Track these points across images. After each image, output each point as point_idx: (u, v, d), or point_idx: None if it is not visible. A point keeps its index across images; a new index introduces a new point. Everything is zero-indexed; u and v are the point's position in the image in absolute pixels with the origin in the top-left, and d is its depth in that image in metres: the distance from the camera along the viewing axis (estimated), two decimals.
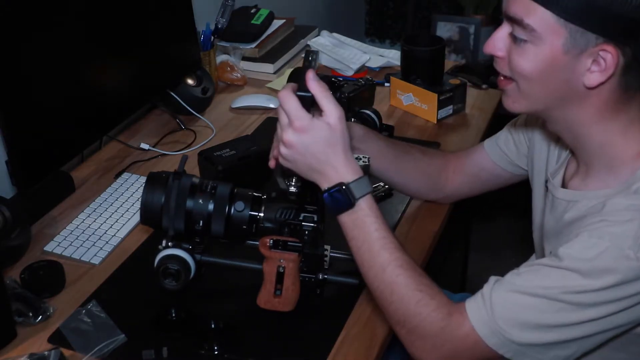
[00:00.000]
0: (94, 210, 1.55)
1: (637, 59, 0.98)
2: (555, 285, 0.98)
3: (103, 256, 1.42)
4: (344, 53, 2.18)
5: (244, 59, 2.17)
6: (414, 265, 1.08)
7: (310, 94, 1.07)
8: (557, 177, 1.18)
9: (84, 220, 1.52)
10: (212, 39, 2.06)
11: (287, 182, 1.21)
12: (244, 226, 1.23)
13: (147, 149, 1.79)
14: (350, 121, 1.69)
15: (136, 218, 1.51)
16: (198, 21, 1.94)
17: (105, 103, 1.68)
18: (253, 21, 2.23)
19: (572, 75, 1.01)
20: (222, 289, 1.34)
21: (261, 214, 1.23)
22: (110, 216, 1.53)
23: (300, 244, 1.21)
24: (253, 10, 2.27)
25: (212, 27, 2.08)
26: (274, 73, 2.15)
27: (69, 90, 1.56)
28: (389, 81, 2.02)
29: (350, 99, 1.79)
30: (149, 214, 1.23)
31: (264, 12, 2.26)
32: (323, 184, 1.09)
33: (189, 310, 1.28)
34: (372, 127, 1.70)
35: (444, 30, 3.55)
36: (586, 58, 0.99)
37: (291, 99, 1.07)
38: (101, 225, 1.51)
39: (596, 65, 0.98)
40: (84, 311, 1.26)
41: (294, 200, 1.22)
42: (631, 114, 1.04)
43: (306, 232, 1.21)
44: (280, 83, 2.08)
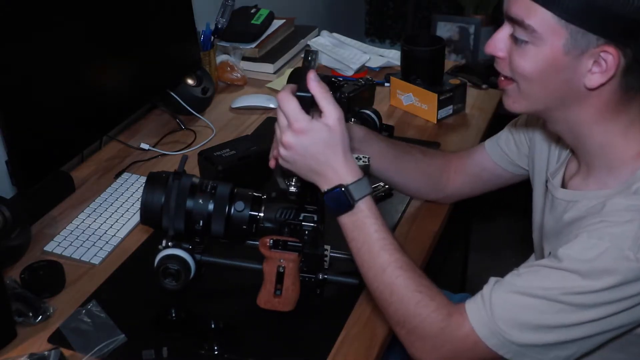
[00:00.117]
0: (94, 210, 1.55)
1: (638, 60, 0.98)
2: (555, 286, 0.98)
3: (103, 256, 1.42)
4: (344, 53, 2.18)
5: (244, 59, 2.17)
6: (414, 267, 1.08)
7: (310, 95, 1.07)
8: (557, 177, 1.18)
9: (84, 220, 1.52)
10: (212, 39, 2.06)
11: (287, 182, 1.21)
12: (244, 226, 1.23)
13: (147, 149, 1.79)
14: (350, 121, 1.70)
15: (136, 218, 1.51)
16: (198, 21, 1.94)
17: (105, 103, 1.68)
18: (253, 21, 2.23)
19: (573, 76, 1.01)
20: (222, 289, 1.34)
21: (261, 214, 1.23)
22: (110, 216, 1.53)
23: (300, 244, 1.21)
24: (253, 10, 2.27)
25: (212, 27, 2.08)
26: (274, 73, 2.15)
27: (69, 90, 1.56)
28: (389, 81, 2.02)
29: (350, 99, 1.78)
30: (149, 214, 1.23)
31: (264, 12, 2.26)
32: (323, 186, 1.09)
33: (189, 310, 1.28)
34: (372, 127, 1.70)
35: (444, 30, 3.55)
36: (587, 59, 0.98)
37: (290, 101, 1.07)
38: (101, 225, 1.51)
39: (597, 66, 0.98)
40: (84, 311, 1.26)
41: (294, 200, 1.22)
42: (631, 114, 1.04)
43: (306, 232, 1.21)
44: (280, 83, 2.08)
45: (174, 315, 1.27)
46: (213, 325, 1.24)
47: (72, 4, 1.52)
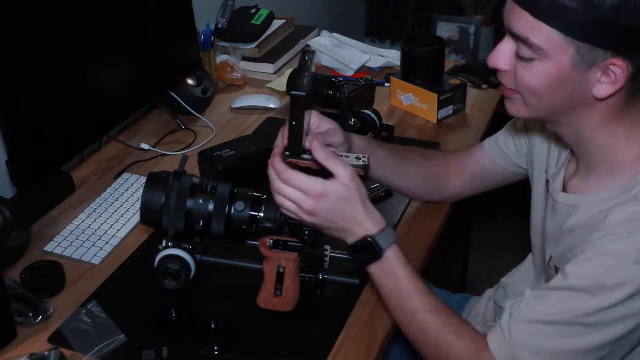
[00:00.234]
0: (94, 210, 1.55)
1: None
2: (568, 309, 0.99)
3: (103, 256, 1.42)
4: (344, 53, 2.18)
5: (244, 59, 2.17)
6: (443, 307, 1.12)
7: (304, 93, 1.07)
8: (558, 180, 1.18)
9: (84, 220, 1.52)
10: (212, 39, 2.06)
11: None
12: (244, 226, 1.23)
13: (147, 149, 1.79)
14: (350, 122, 1.70)
15: (136, 218, 1.51)
16: (198, 21, 1.94)
17: (105, 103, 1.68)
18: (253, 21, 2.23)
19: (581, 87, 0.99)
20: (222, 289, 1.34)
21: (261, 214, 1.23)
22: (110, 216, 1.53)
23: (300, 244, 1.21)
24: (253, 10, 2.27)
25: (212, 27, 2.08)
26: (274, 73, 2.15)
27: (69, 90, 1.55)
28: (389, 81, 2.02)
29: (350, 99, 1.78)
30: (149, 214, 1.23)
31: (264, 12, 2.26)
32: (350, 239, 1.14)
33: (189, 310, 1.28)
34: (372, 127, 1.71)
35: (444, 30, 3.55)
36: (595, 71, 0.97)
37: (294, 175, 1.10)
38: (101, 225, 1.51)
39: (606, 77, 0.97)
40: (84, 311, 1.26)
41: None
42: (635, 117, 1.04)
43: (306, 232, 1.21)
44: (281, 83, 2.08)
45: (174, 315, 1.27)
46: (213, 325, 1.23)
47: (72, 4, 1.52)
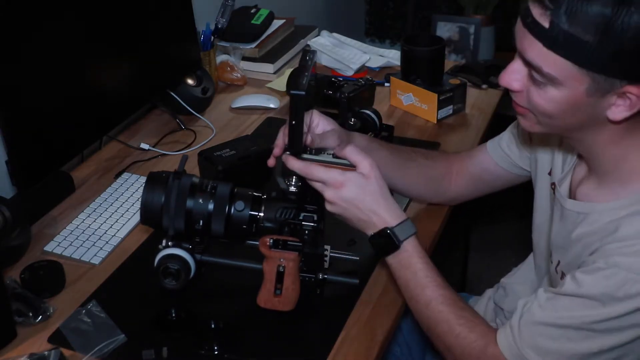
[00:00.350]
0: (94, 210, 1.55)
1: None
2: (578, 314, 1.00)
3: (103, 256, 1.42)
4: (344, 53, 2.18)
5: (244, 59, 2.17)
6: (456, 300, 1.15)
7: (303, 93, 1.08)
8: (565, 185, 1.16)
9: (84, 220, 1.52)
10: (212, 39, 2.06)
11: (287, 182, 1.21)
12: (244, 226, 1.23)
13: (147, 149, 1.79)
14: (350, 122, 1.70)
15: (136, 218, 1.51)
16: (198, 21, 1.94)
17: (105, 103, 1.67)
18: (253, 21, 2.23)
19: (596, 111, 0.98)
20: (222, 289, 1.34)
21: (261, 214, 1.23)
22: (110, 216, 1.53)
23: (300, 244, 1.21)
24: (253, 10, 2.27)
25: (212, 27, 2.08)
26: (274, 73, 2.15)
27: (69, 90, 1.55)
28: (389, 81, 2.02)
29: (350, 99, 1.78)
30: (149, 214, 1.23)
31: (264, 12, 2.26)
32: (369, 230, 1.17)
33: (189, 310, 1.28)
34: (372, 127, 1.70)
35: (444, 30, 3.55)
36: (611, 96, 0.96)
37: (313, 169, 1.14)
38: (101, 225, 1.51)
39: (622, 100, 0.96)
40: (84, 311, 1.26)
41: (294, 200, 1.22)
42: None
43: (306, 232, 1.21)
44: (281, 83, 2.08)
45: (174, 315, 1.27)
46: (213, 325, 1.24)
47: (72, 4, 1.52)
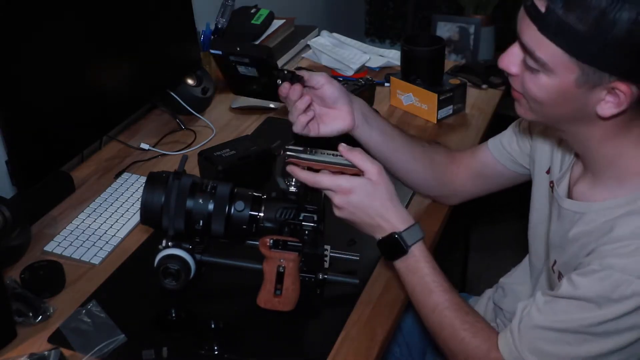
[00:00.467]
0: (94, 210, 1.55)
1: None
2: (575, 317, 1.01)
3: (103, 256, 1.42)
4: (344, 53, 2.18)
5: None
6: (461, 305, 1.16)
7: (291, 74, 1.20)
8: (563, 185, 1.17)
9: (84, 220, 1.52)
10: (212, 39, 2.05)
11: (287, 182, 1.21)
12: (244, 226, 1.23)
13: (147, 149, 1.79)
14: None
15: (136, 218, 1.51)
16: (198, 21, 1.94)
17: (105, 103, 1.68)
18: (253, 21, 2.23)
19: (585, 104, 0.99)
20: (222, 289, 1.34)
21: (261, 214, 1.23)
22: (110, 216, 1.53)
23: (300, 244, 1.21)
24: (253, 10, 2.26)
25: (212, 27, 2.08)
26: None
27: (69, 90, 1.55)
28: (389, 81, 2.02)
29: None
30: (149, 214, 1.23)
31: (264, 12, 2.26)
32: (377, 235, 1.18)
33: (189, 310, 1.28)
34: None
35: (444, 30, 3.55)
36: (600, 90, 0.97)
37: (320, 178, 1.16)
38: (101, 225, 1.51)
39: (611, 97, 0.97)
40: (84, 311, 1.26)
41: (294, 200, 1.22)
42: None
43: (306, 232, 1.21)
44: None
45: (174, 315, 1.27)
46: (213, 325, 1.24)
47: (72, 4, 1.52)
